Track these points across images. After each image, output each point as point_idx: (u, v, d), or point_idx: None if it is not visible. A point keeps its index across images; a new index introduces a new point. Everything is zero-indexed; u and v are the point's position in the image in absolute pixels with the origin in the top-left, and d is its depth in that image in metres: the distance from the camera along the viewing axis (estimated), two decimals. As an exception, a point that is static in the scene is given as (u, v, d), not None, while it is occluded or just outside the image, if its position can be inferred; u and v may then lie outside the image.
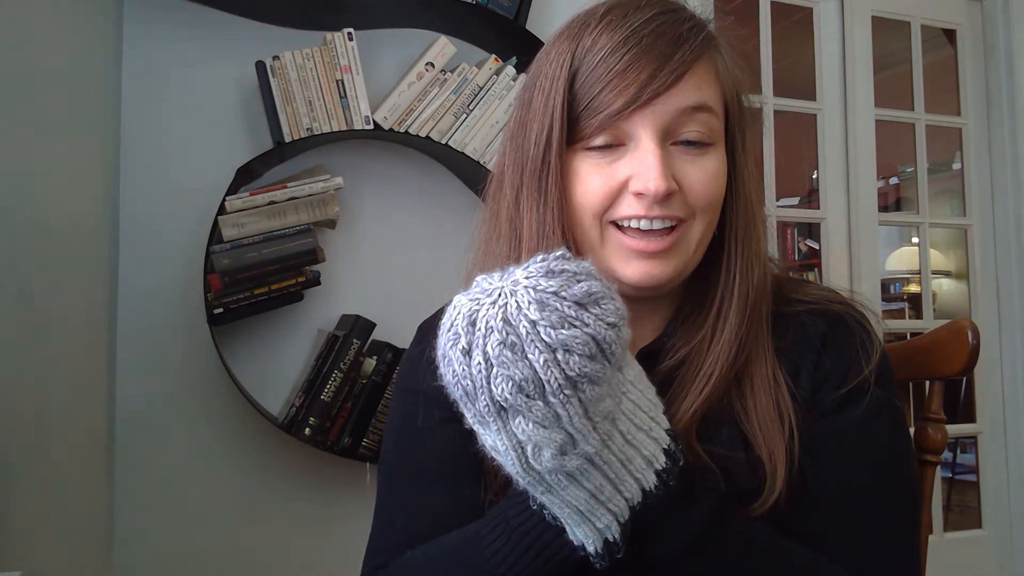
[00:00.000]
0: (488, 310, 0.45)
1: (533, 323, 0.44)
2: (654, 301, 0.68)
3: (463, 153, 1.57)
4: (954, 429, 2.29)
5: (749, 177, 0.67)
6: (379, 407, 1.51)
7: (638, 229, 0.62)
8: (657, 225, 0.61)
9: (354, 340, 1.49)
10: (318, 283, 1.51)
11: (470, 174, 1.66)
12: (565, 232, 0.63)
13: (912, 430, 0.89)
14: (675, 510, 0.52)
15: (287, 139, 1.47)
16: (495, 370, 0.44)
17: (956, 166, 2.80)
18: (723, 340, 0.63)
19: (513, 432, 0.45)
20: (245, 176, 1.49)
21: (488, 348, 0.44)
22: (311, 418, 1.45)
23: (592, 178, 0.62)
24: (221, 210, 1.42)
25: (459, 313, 0.46)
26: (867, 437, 0.64)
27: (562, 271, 0.46)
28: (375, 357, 1.52)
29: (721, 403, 0.63)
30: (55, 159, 1.18)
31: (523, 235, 0.65)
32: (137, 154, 1.52)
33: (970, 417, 2.33)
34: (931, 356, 0.88)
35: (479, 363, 0.44)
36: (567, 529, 0.52)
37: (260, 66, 1.48)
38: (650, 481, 0.50)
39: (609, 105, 0.60)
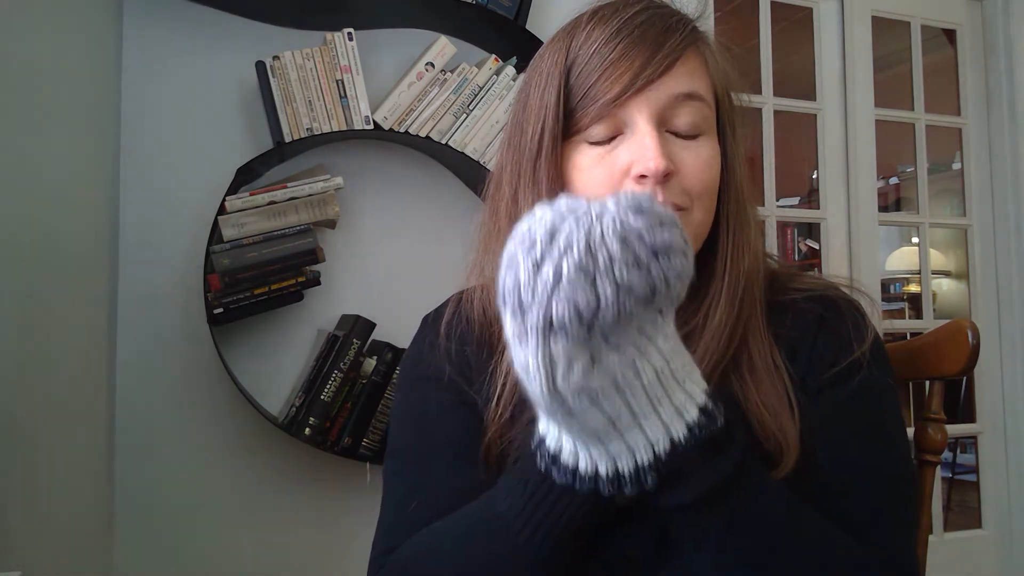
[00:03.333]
0: (571, 228, 0.44)
1: (611, 258, 0.43)
2: None
3: (463, 153, 1.57)
4: (954, 429, 2.29)
5: (740, 167, 0.69)
6: (379, 407, 1.51)
7: None
8: None
9: (354, 340, 1.49)
10: (318, 283, 1.51)
11: (470, 174, 1.66)
12: None
13: (912, 430, 0.89)
14: (698, 461, 0.50)
15: (287, 139, 1.47)
16: (560, 289, 0.43)
17: (956, 166, 2.80)
18: (714, 324, 0.64)
19: (550, 350, 0.44)
20: (245, 176, 1.49)
21: (563, 266, 0.43)
22: (311, 418, 1.45)
23: (594, 170, 0.63)
24: (221, 210, 1.42)
25: (540, 222, 0.45)
26: (856, 414, 0.65)
27: (650, 211, 0.45)
28: (375, 357, 1.52)
29: (722, 391, 0.63)
30: (55, 159, 1.18)
31: None
32: (137, 154, 1.52)
33: (970, 417, 2.33)
34: (931, 356, 0.88)
35: (547, 278, 0.43)
36: (581, 455, 0.51)
37: (260, 66, 1.48)
38: (678, 430, 0.49)
39: (605, 93, 0.62)
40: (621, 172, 0.62)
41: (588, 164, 0.64)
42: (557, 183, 0.64)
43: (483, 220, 0.73)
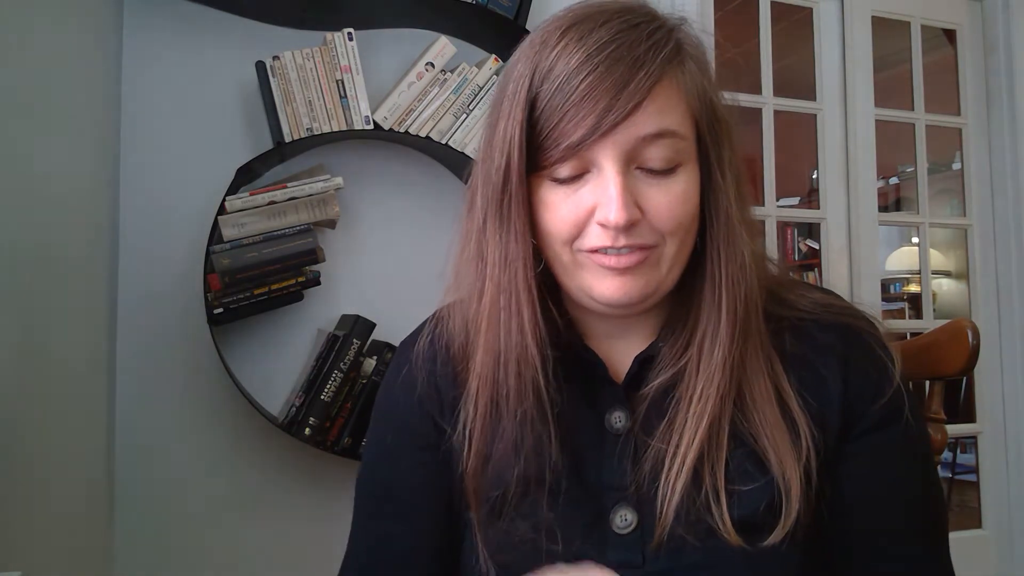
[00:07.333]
0: None
1: None
2: (640, 313, 0.68)
3: (463, 153, 1.58)
4: (954, 429, 2.29)
5: (727, 193, 0.64)
6: (379, 407, 1.51)
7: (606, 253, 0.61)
8: (625, 252, 0.61)
9: (354, 340, 1.49)
10: (318, 283, 1.51)
11: (470, 174, 1.66)
12: (526, 263, 0.62)
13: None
14: None
15: (287, 139, 1.47)
16: None
17: (956, 166, 2.80)
18: (714, 361, 0.63)
19: None
20: (245, 176, 1.49)
21: None
22: (311, 418, 1.45)
23: (560, 208, 0.62)
24: (221, 210, 1.42)
25: None
26: (911, 451, 0.66)
27: None
28: (375, 357, 1.52)
29: (726, 425, 0.63)
30: (55, 159, 1.18)
31: (487, 262, 0.65)
32: (137, 154, 1.52)
33: (970, 417, 2.33)
34: (931, 356, 0.88)
35: None
36: None
37: (260, 66, 1.48)
38: None
39: (569, 136, 0.59)
40: (587, 212, 0.61)
41: (555, 201, 0.62)
42: (523, 219, 0.62)
43: (459, 240, 0.71)
